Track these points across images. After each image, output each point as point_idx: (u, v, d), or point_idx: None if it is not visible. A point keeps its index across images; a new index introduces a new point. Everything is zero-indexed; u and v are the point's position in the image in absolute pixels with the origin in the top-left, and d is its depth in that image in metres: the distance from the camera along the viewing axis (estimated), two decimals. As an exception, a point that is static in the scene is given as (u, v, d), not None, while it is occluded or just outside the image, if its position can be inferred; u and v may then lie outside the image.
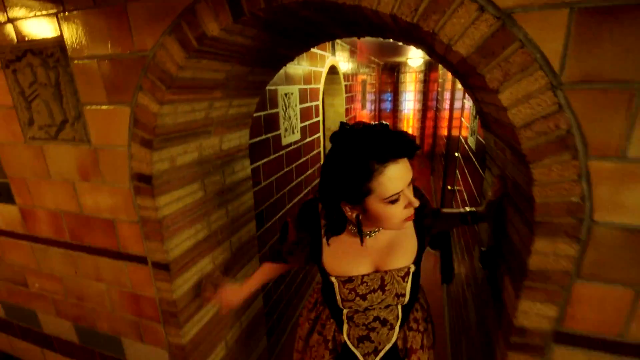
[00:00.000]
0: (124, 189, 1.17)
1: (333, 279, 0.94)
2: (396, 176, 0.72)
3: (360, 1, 0.72)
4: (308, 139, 2.56)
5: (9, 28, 1.12)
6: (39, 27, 1.07)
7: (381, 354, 0.99)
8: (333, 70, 3.06)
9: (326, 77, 2.91)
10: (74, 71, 1.07)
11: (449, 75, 3.29)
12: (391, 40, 1.15)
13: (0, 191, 1.47)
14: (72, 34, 1.03)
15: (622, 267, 0.71)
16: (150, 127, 1.03)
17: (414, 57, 6.12)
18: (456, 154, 2.60)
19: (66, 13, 1.01)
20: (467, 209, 1.08)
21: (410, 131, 8.18)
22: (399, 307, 0.98)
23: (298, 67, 2.29)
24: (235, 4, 0.81)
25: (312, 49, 2.57)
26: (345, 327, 1.00)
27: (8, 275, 1.69)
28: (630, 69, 0.59)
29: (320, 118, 2.80)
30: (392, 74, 7.70)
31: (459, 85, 2.55)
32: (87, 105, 1.10)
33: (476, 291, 1.38)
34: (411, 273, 0.94)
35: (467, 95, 2.10)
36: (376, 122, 0.78)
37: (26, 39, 1.10)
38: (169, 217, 1.20)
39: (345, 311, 0.98)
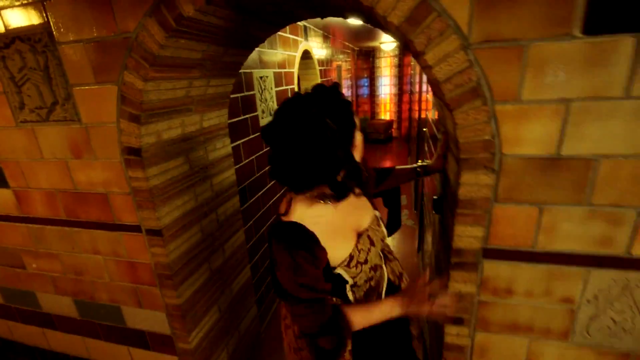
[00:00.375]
0: (115, 163, 1.29)
1: (339, 270, 0.90)
2: None
3: (312, -18, 0.87)
4: (285, 121, 2.70)
5: (-5, 17, 1.20)
6: (26, 15, 1.16)
7: (383, 295, 1.00)
8: (307, 55, 3.18)
9: (300, 62, 3.03)
10: (62, 54, 1.18)
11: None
12: (352, 20, 1.30)
13: (-8, 177, 1.55)
14: (58, 19, 1.13)
15: (527, 189, 0.90)
16: (137, 102, 1.15)
17: (387, 42, 6.28)
18: (424, 129, 2.80)
19: (51, 0, 1.11)
20: (419, 162, 1.26)
21: (388, 115, 8.40)
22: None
23: (272, 51, 2.41)
24: (207, -12, 0.94)
25: (285, 34, 2.68)
26: (350, 294, 0.96)
27: (4, 259, 1.78)
28: (519, 29, 0.77)
29: (297, 101, 2.93)
30: (367, 59, 7.85)
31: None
32: (76, 86, 1.21)
33: (434, 236, 1.59)
34: (378, 217, 1.05)
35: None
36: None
37: (13, 26, 1.19)
38: (159, 187, 1.33)
39: (348, 285, 0.95)
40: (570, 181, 0.86)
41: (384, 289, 1.02)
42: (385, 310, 0.89)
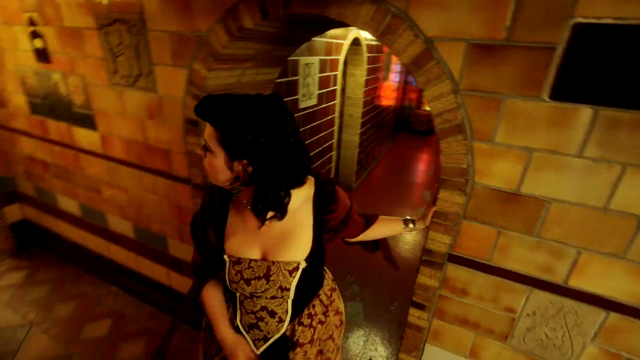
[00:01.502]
0: (177, 128, 1.64)
1: (225, 258, 0.91)
2: (205, 130, 0.81)
3: (344, 18, 1.07)
4: (324, 105, 2.92)
5: (105, 1, 1.55)
6: (128, 4, 1.48)
7: (270, 342, 0.97)
8: (356, 42, 3.30)
9: (349, 49, 3.17)
10: (150, 39, 1.50)
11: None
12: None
13: (86, 121, 1.99)
14: (150, 12, 1.44)
15: (490, 214, 1.09)
16: (200, 86, 1.46)
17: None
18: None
19: (148, -3, 1.42)
20: (409, 217, 1.22)
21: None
22: (289, 301, 0.94)
23: (321, 39, 2.59)
24: (264, 9, 1.18)
25: (338, 22, 2.83)
26: (238, 312, 0.98)
27: (87, 184, 2.28)
28: (499, 85, 0.93)
29: (339, 87, 3.11)
30: (427, 45, 7.58)
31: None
32: (157, 65, 1.54)
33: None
34: (300, 269, 0.90)
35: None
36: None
37: (117, 11, 1.53)
38: (207, 152, 1.66)
39: (237, 294, 0.96)
40: (525, 214, 1.04)
41: (275, 338, 0.97)
42: (218, 326, 0.98)
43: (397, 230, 1.20)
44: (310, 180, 0.93)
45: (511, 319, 1.21)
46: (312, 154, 2.96)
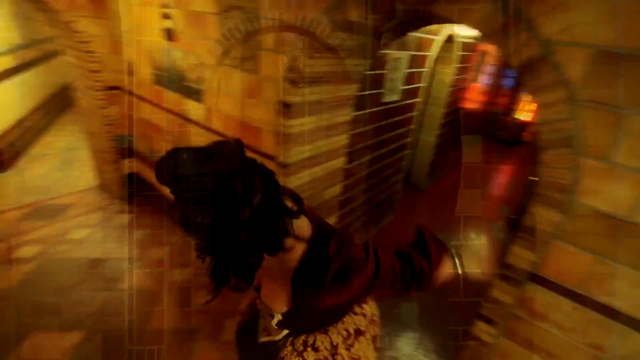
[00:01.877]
0: (271, 109, 1.79)
1: None
2: None
3: (452, 15, 1.05)
4: (406, 102, 2.86)
5: (227, -9, 1.74)
6: (246, -6, 1.65)
7: (269, 338, 0.98)
8: (449, 39, 3.12)
9: (441, 46, 3.03)
10: (260, 25, 1.65)
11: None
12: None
13: (196, 95, 2.28)
14: (264, 2, 1.58)
15: (591, 239, 0.99)
16: (298, 72, 1.56)
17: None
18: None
19: (264, -13, 1.56)
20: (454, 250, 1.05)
21: (529, 116, 7.17)
22: None
23: (413, 34, 2.53)
24: (372, 2, 1.22)
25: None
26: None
27: (187, 150, 2.63)
28: (625, 99, 0.83)
29: (424, 84, 3.01)
30: (530, 45, 6.75)
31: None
32: (263, 50, 1.69)
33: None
34: (276, 318, 0.88)
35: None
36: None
37: (235, 2, 1.71)
38: (294, 134, 1.79)
39: None
40: (636, 246, 0.92)
41: (272, 339, 0.98)
42: None
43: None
44: (300, 244, 0.78)
45: (596, 357, 1.09)
46: (386, 150, 2.93)
